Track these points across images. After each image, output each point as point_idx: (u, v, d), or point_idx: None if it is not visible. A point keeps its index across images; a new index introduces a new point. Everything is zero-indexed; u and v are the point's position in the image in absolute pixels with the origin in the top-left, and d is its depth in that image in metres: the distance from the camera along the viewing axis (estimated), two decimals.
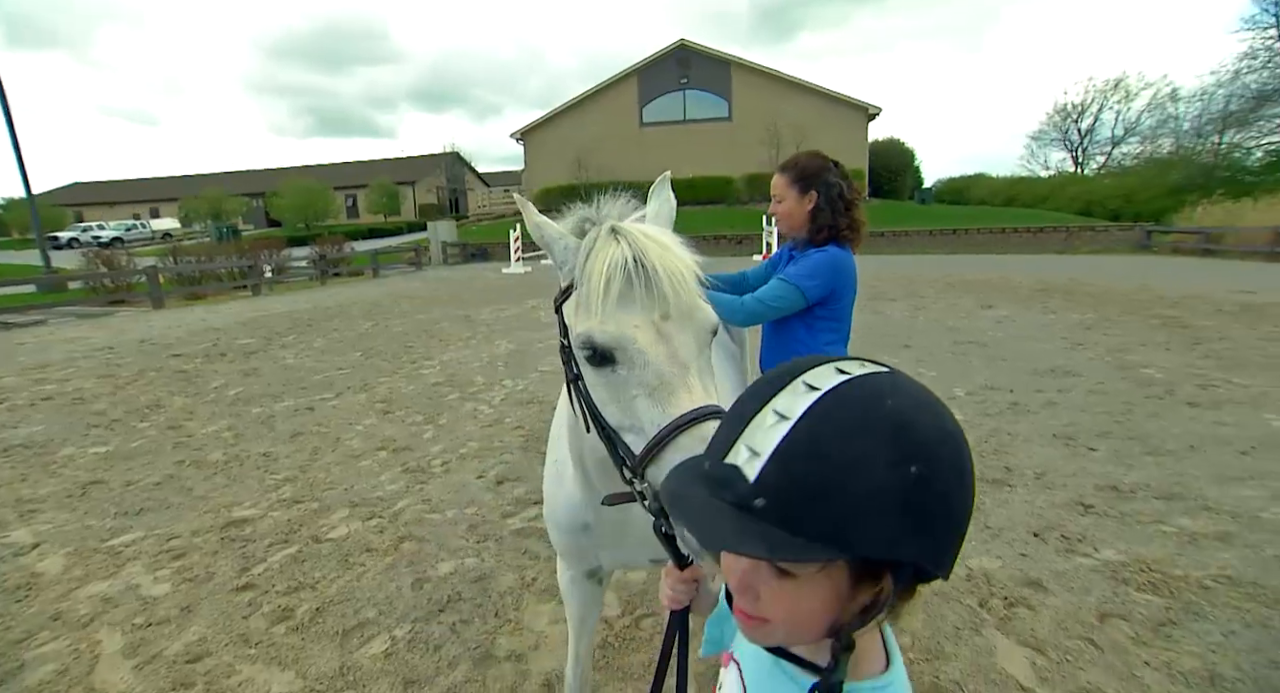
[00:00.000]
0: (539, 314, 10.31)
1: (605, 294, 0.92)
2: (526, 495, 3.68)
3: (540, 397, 5.66)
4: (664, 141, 28.80)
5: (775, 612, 0.56)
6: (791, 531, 0.50)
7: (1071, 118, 33.91)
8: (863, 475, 0.49)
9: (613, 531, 1.47)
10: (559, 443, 1.48)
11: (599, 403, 0.96)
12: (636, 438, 0.90)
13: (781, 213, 2.11)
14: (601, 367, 0.94)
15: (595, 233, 1.00)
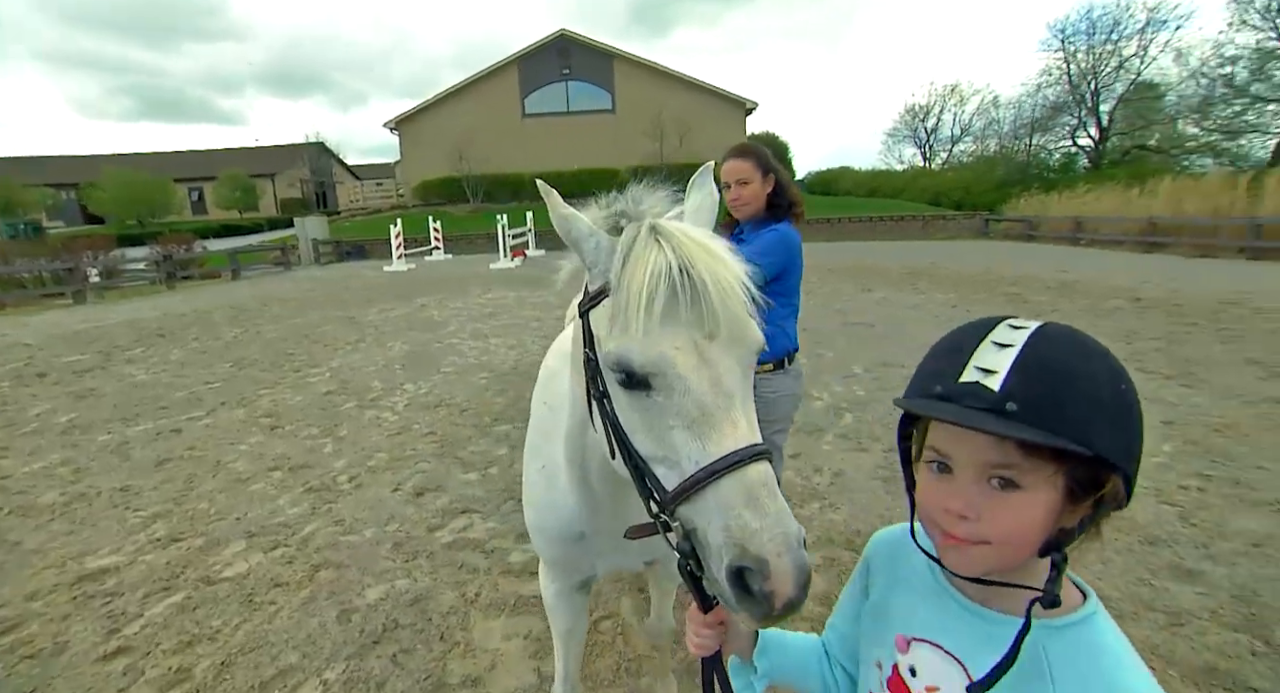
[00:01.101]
0: (431, 313, 9.73)
1: (646, 309, 0.79)
2: (452, 506, 3.43)
3: (448, 399, 5.32)
4: (547, 133, 28.25)
5: (997, 529, 0.61)
6: (1043, 428, 0.57)
7: (919, 117, 37.71)
8: (1094, 387, 0.60)
9: (611, 538, 1.38)
10: (547, 447, 1.35)
11: (628, 428, 0.85)
12: (669, 471, 0.80)
13: (748, 196, 2.13)
14: (635, 390, 0.82)
15: (633, 232, 0.86)
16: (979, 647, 0.65)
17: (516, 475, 3.77)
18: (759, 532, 0.71)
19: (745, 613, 0.73)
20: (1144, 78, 25.75)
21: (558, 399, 1.31)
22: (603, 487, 1.28)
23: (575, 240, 0.93)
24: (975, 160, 32.31)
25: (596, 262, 0.92)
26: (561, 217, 0.94)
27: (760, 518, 0.72)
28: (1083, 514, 0.62)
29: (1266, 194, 13.65)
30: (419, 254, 19.22)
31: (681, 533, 0.79)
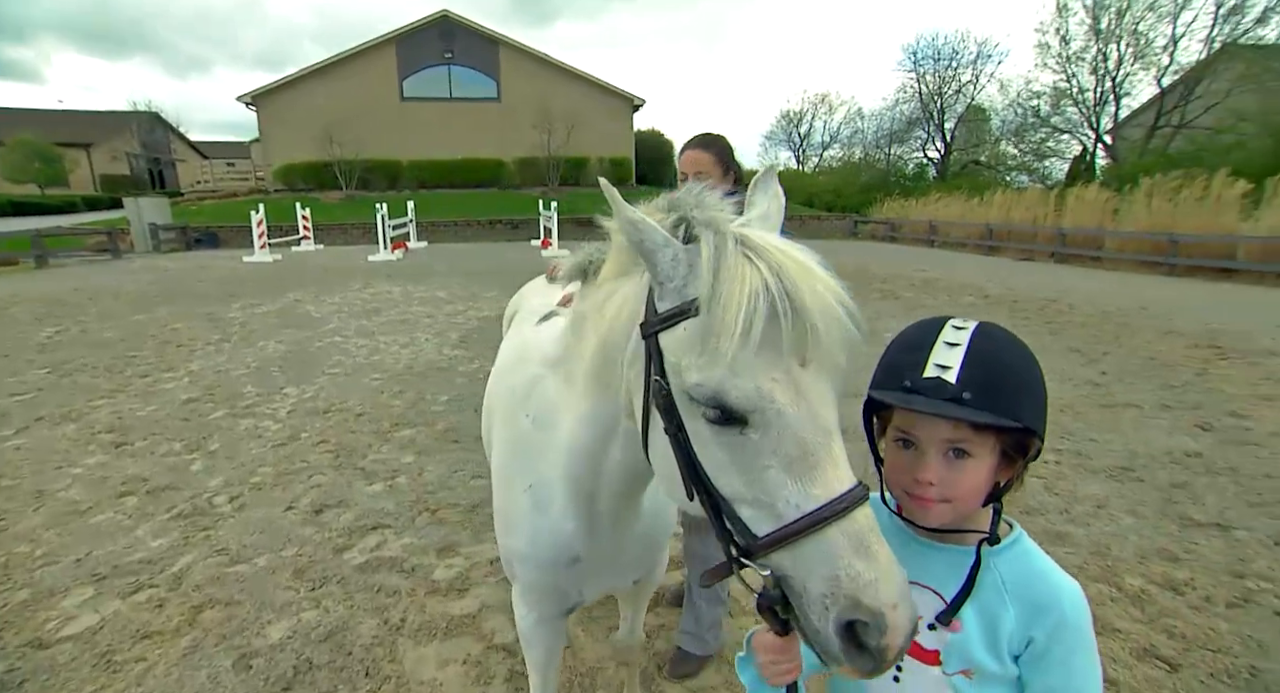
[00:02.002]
0: (307, 309, 8.81)
1: (744, 337, 0.70)
2: (359, 522, 3.10)
3: (339, 403, 4.82)
4: (429, 118, 26.63)
5: (956, 491, 0.80)
6: (991, 411, 0.76)
7: (793, 123, 40.14)
8: (1021, 372, 0.81)
9: (607, 558, 1.29)
10: (533, 466, 1.23)
11: (712, 467, 0.76)
12: (759, 514, 0.73)
13: None
14: (726, 427, 0.74)
15: (717, 244, 0.75)
16: (946, 575, 0.84)
17: (428, 485, 3.50)
18: (873, 583, 0.67)
19: (851, 667, 0.68)
20: (976, 102, 29.38)
21: (546, 412, 1.20)
22: (611, 508, 1.19)
23: (647, 251, 0.80)
24: (843, 166, 35.03)
25: (672, 277, 0.79)
26: (629, 221, 0.80)
27: (873, 568, 0.68)
28: (1014, 471, 0.83)
29: (1067, 208, 16.09)
30: (285, 244, 17.38)
31: (771, 581, 0.72)
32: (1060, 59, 23.04)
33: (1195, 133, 20.04)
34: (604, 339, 0.97)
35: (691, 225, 0.82)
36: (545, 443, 1.20)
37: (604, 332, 0.97)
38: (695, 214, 0.83)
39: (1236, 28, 19.76)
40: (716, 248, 0.75)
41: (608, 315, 0.96)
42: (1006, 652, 0.80)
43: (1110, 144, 22.96)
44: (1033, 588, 0.82)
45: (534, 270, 9.39)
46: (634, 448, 1.03)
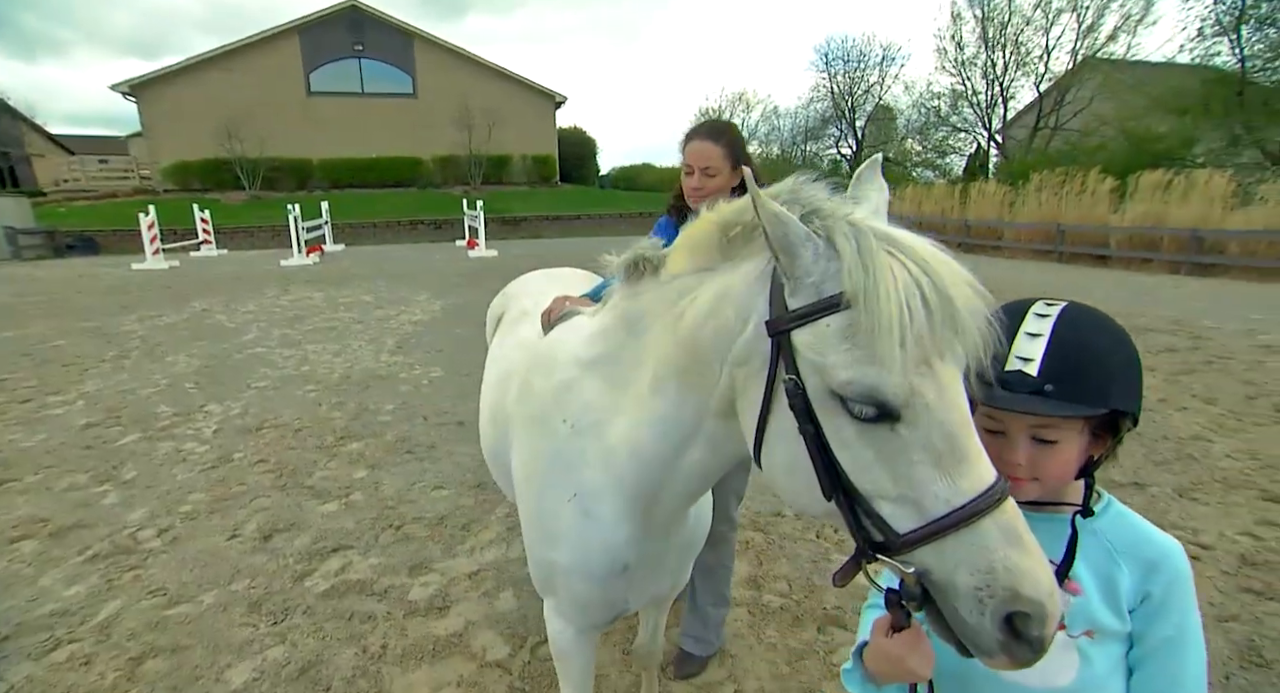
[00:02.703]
0: (218, 319, 8.08)
1: (901, 335, 0.68)
2: (317, 545, 2.86)
3: (272, 419, 4.44)
4: (338, 114, 25.11)
5: (1044, 472, 0.83)
6: (1075, 401, 0.78)
7: None
8: (1108, 357, 0.81)
9: (653, 564, 1.25)
10: (576, 474, 1.16)
11: (854, 466, 0.74)
12: (900, 509, 0.72)
13: (713, 189, 1.76)
14: (875, 424, 0.72)
15: (859, 238, 0.73)
16: (1048, 544, 0.80)
17: (387, 499, 3.29)
18: (1031, 573, 0.66)
19: (1007, 657, 0.68)
20: (884, 102, 31.12)
21: (586, 417, 1.15)
22: (670, 513, 1.15)
23: (790, 245, 0.75)
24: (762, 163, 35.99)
25: (811, 272, 0.75)
26: (774, 215, 0.75)
27: (1027, 557, 0.67)
28: (1105, 446, 0.85)
29: (970, 202, 17.38)
30: (181, 249, 15.88)
31: (913, 577, 0.71)
32: (956, 63, 24.79)
33: (1068, 134, 22.17)
34: (689, 337, 0.92)
35: (823, 220, 0.77)
36: (589, 449, 1.14)
37: (689, 330, 0.92)
38: (821, 206, 0.79)
39: (1094, 43, 22.04)
40: (860, 242, 0.73)
41: (691, 313, 0.92)
42: (1125, 609, 0.83)
43: (1001, 143, 24.97)
44: (1141, 547, 0.84)
45: (462, 271, 9.20)
46: (717, 450, 1.00)
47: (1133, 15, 21.26)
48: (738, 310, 0.85)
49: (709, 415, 0.95)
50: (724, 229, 0.91)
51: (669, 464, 1.05)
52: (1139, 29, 21.47)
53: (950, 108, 26.08)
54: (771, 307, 0.80)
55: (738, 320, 0.85)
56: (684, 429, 1.00)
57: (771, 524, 3.04)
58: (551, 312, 1.51)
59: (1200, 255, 11.86)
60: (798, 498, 0.82)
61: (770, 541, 2.91)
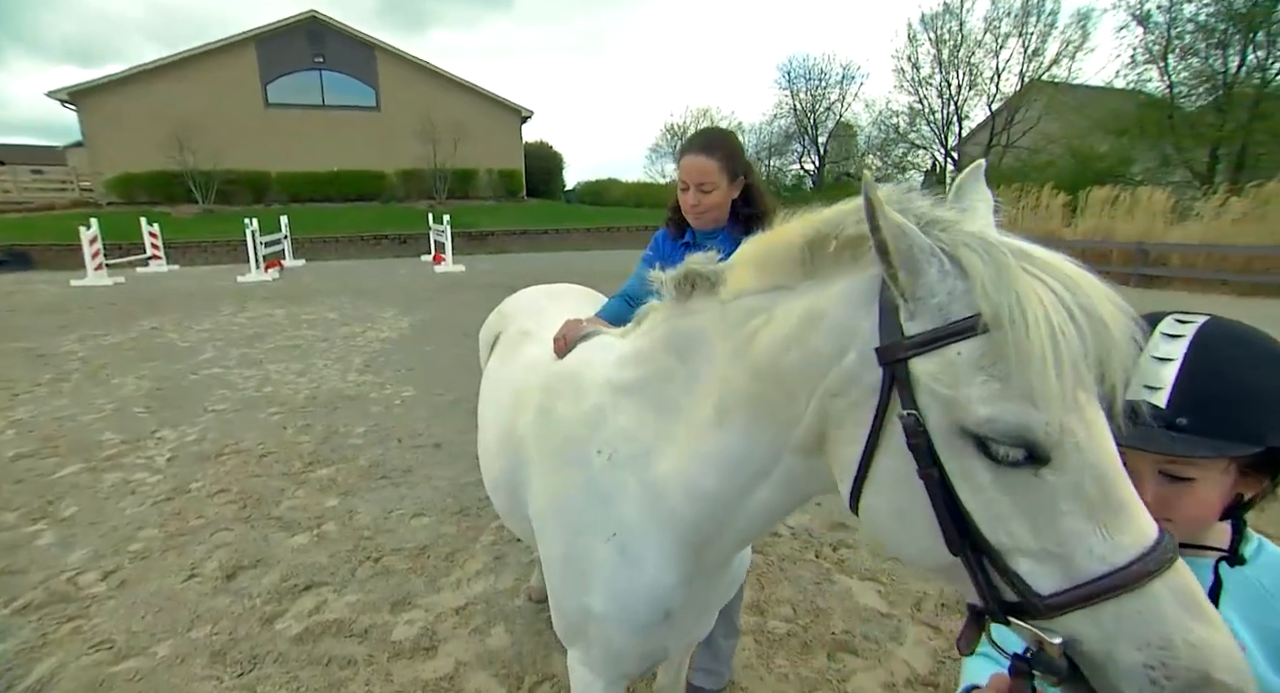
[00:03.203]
0: (171, 338, 7.64)
1: (1056, 364, 0.59)
2: (286, 583, 2.63)
3: (234, 444, 4.16)
4: (298, 127, 24.46)
5: (1180, 513, 0.71)
6: (1215, 436, 0.66)
7: (677, 136, 41.38)
8: (1258, 383, 0.68)
9: (697, 608, 1.15)
10: (615, 511, 1.05)
11: (986, 515, 0.64)
12: (1045, 568, 0.62)
13: (710, 204, 1.69)
14: (1017, 468, 0.62)
15: (994, 255, 0.64)
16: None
17: (363, 529, 3.08)
18: (1223, 650, 0.57)
19: None
20: (845, 119, 32.06)
21: (625, 447, 1.05)
22: (724, 555, 1.06)
23: (915, 262, 0.66)
24: None
25: (935, 292, 0.66)
26: (899, 228, 0.65)
27: (1215, 631, 0.58)
28: (1261, 485, 0.73)
29: None
30: (127, 265, 15.11)
31: (1057, 649, 0.60)
32: (913, 83, 25.79)
33: (1019, 151, 23.19)
34: (766, 365, 0.83)
35: (942, 233, 0.68)
36: (630, 483, 1.03)
37: (765, 356, 0.83)
38: (942, 218, 0.70)
39: (1039, 67, 23.23)
40: (996, 258, 0.63)
41: (767, 337, 0.82)
42: None
43: (957, 159, 25.95)
44: None
45: (430, 287, 9.00)
46: (792, 489, 0.90)
47: (1072, 42, 22.53)
48: (833, 335, 0.75)
49: (787, 451, 0.85)
50: (812, 243, 0.81)
51: (732, 504, 0.94)
52: (1079, 54, 22.78)
53: (909, 125, 27.03)
54: (881, 331, 0.70)
55: (832, 346, 0.75)
56: (755, 466, 0.90)
57: (770, 545, 2.94)
58: (567, 334, 1.40)
59: (1146, 267, 12.47)
60: (908, 548, 0.72)
61: (770, 562, 2.82)
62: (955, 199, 0.79)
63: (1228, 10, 15.65)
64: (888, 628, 2.39)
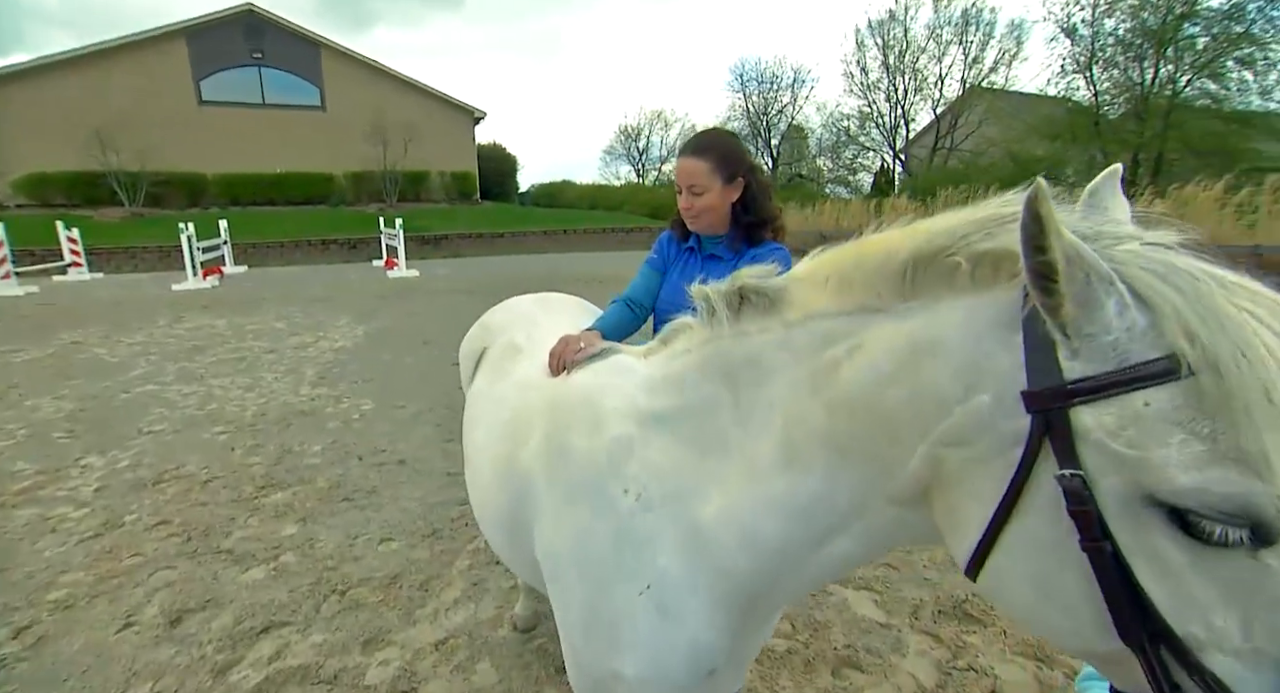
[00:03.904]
0: (97, 352, 7.02)
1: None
2: (241, 626, 2.36)
3: (174, 469, 3.79)
4: (237, 126, 23.23)
5: None
6: None
7: (631, 138, 41.54)
8: None
9: (740, 661, 1.02)
10: (653, 557, 0.90)
11: (1176, 602, 0.52)
12: (1250, 671, 0.50)
13: (702, 208, 1.62)
14: (1227, 549, 0.50)
15: (1184, 280, 0.52)
16: None
17: (325, 559, 2.82)
18: None
19: None
20: (796, 122, 32.71)
21: (658, 486, 0.91)
22: (776, 607, 0.95)
23: (1089, 291, 0.53)
24: None
25: (1111, 328, 0.53)
26: (1073, 249, 0.52)
27: None
28: None
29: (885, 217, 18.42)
30: (41, 273, 13.97)
31: None
32: (862, 87, 26.54)
33: (962, 154, 24.14)
34: (856, 402, 0.70)
35: (1118, 253, 0.56)
36: (666, 529, 0.89)
37: (854, 391, 0.70)
38: (1106, 230, 0.58)
39: (979, 74, 24.28)
40: (1192, 288, 0.51)
41: (857, 369, 0.70)
42: None
43: (905, 161, 26.80)
44: None
45: (383, 293, 8.61)
46: (877, 541, 0.77)
47: (1008, 51, 23.62)
48: (954, 372, 0.63)
49: (879, 500, 0.72)
50: (920, 258, 0.67)
51: (799, 556, 0.81)
52: (1014, 63, 23.90)
53: (859, 128, 27.77)
54: (1030, 372, 0.57)
55: (954, 385, 0.62)
56: (833, 515, 0.77)
57: None
58: (565, 350, 1.24)
59: None
60: (1055, 627, 0.59)
61: None
62: (1087, 208, 0.67)
63: (1142, 27, 16.71)
64: (888, 639, 2.31)
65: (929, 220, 0.71)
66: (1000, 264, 0.62)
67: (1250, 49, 15.39)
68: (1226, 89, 16.14)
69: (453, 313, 9.43)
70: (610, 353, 1.15)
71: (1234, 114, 15.87)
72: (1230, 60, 15.70)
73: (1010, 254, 0.60)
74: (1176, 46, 16.28)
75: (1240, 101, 16.02)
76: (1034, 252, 0.53)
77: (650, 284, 1.81)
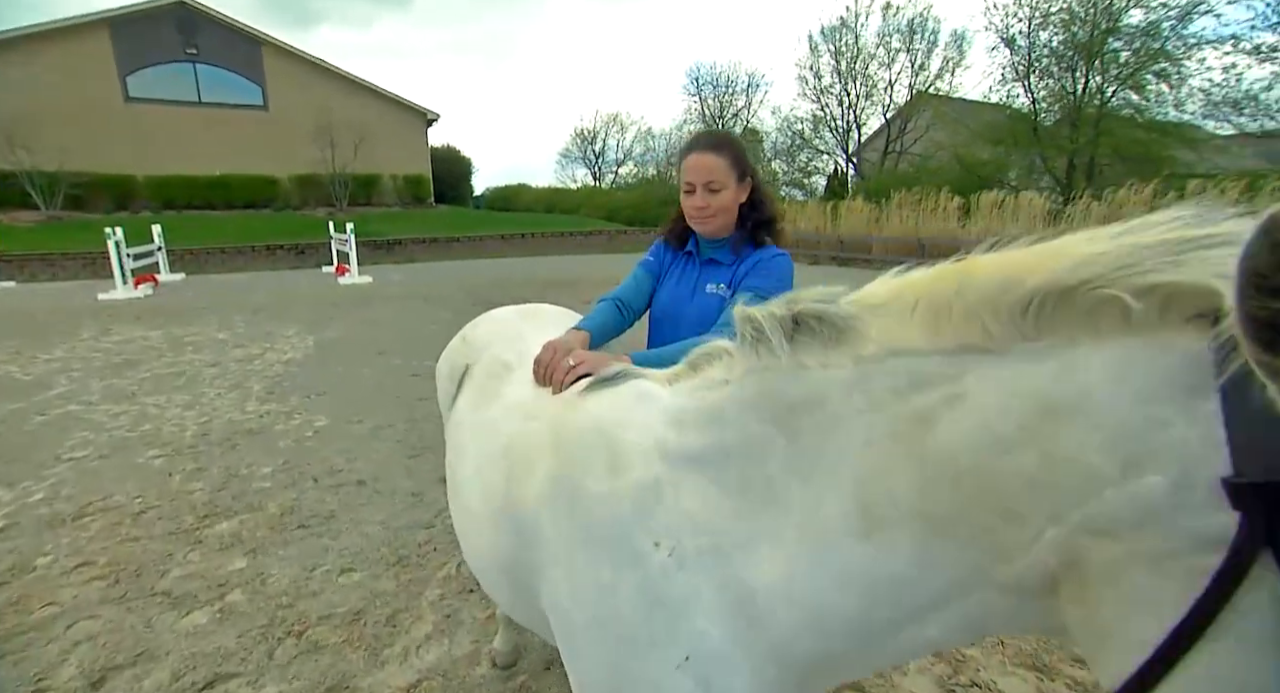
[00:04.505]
0: (7, 370, 6.37)
1: None
2: (180, 682, 2.08)
3: (101, 500, 3.40)
4: (170, 125, 21.86)
5: None
6: None
7: (587, 141, 41.24)
8: None
9: None
10: (691, 622, 0.76)
11: None
12: None
13: (719, 206, 1.54)
14: None
15: None
16: None
17: (279, 596, 2.56)
18: None
19: None
20: (751, 125, 33.08)
21: (693, 539, 0.77)
22: (836, 683, 0.81)
23: None
24: (639, 182, 36.94)
25: None
26: None
27: None
28: None
29: (841, 218, 18.84)
30: None
31: None
32: (815, 91, 27.06)
33: (912, 157, 24.90)
34: (966, 466, 0.56)
35: None
36: (705, 590, 0.75)
37: (963, 452, 0.56)
38: None
39: (926, 80, 25.12)
40: None
41: (960, 424, 0.56)
42: None
43: (857, 164, 27.45)
44: None
45: (335, 300, 8.19)
46: (977, 627, 0.63)
47: (952, 59, 24.51)
48: (1104, 441, 0.49)
49: (986, 587, 0.59)
50: (1055, 288, 0.53)
51: (877, 637, 0.67)
52: (957, 70, 24.79)
53: (812, 131, 28.31)
54: (1238, 453, 0.43)
55: (1104, 459, 0.49)
56: (924, 598, 0.63)
57: None
58: (554, 361, 1.11)
59: None
60: None
61: None
62: None
63: (1072, 40, 17.71)
64: None
65: (1065, 239, 0.57)
66: (1171, 303, 0.48)
67: (1165, 64, 16.52)
68: (1147, 100, 17.37)
69: (409, 320, 9.05)
70: (626, 377, 0.98)
71: (1153, 124, 17.08)
72: (1149, 74, 16.82)
73: (1194, 291, 0.46)
74: (1103, 60, 17.32)
75: (1159, 112, 17.22)
76: (1263, 295, 0.39)
77: (643, 287, 1.72)
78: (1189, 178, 13.96)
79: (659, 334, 1.70)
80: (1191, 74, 16.44)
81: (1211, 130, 17.31)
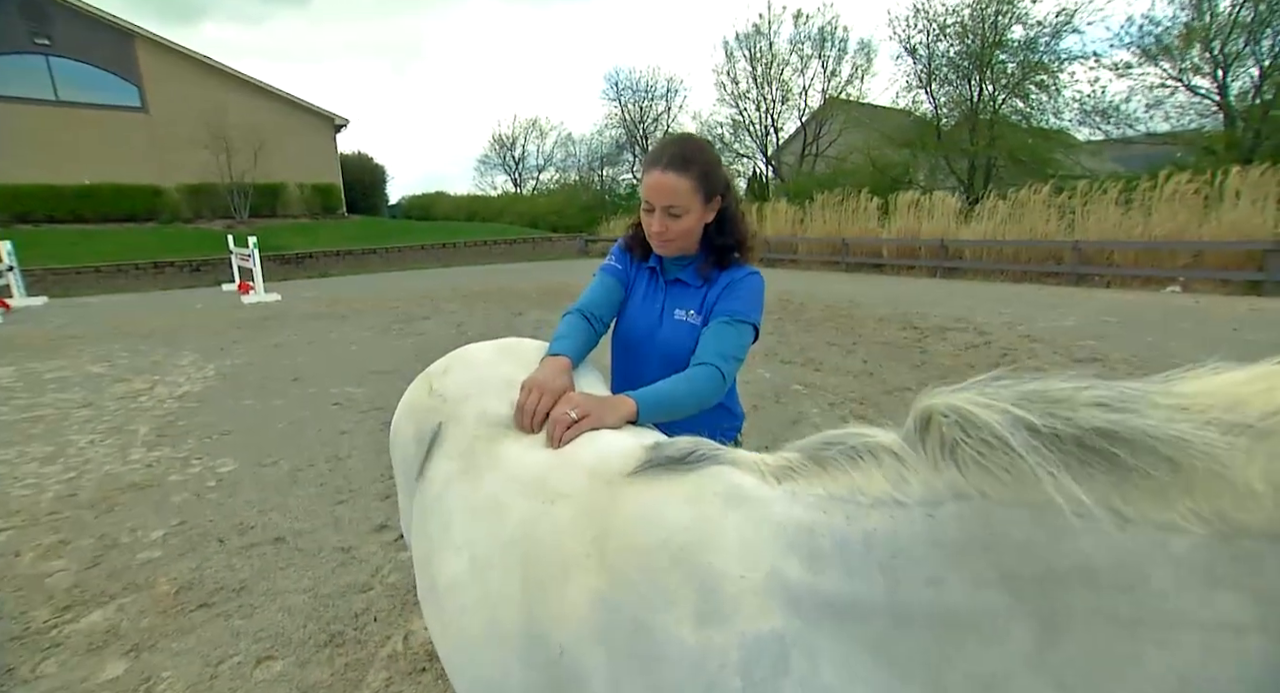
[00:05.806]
0: None
1: None
2: None
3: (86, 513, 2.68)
4: (20, 127, 19.13)
5: None
6: None
7: (506, 147, 40.25)
8: None
9: None
10: None
11: None
12: None
13: (679, 231, 1.37)
14: None
15: None
16: None
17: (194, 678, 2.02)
18: None
19: None
20: (672, 130, 33.37)
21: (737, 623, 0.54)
22: None
23: None
24: (561, 188, 36.47)
25: None
26: None
27: None
28: None
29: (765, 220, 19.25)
30: None
31: None
32: (733, 96, 27.57)
33: (828, 160, 25.86)
34: None
35: None
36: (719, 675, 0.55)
37: None
38: None
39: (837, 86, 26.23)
40: None
41: None
42: None
43: (776, 167, 28.20)
44: None
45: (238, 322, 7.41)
46: None
47: (860, 66, 25.67)
48: None
49: None
50: None
51: None
52: (866, 77, 26.01)
53: (733, 135, 28.83)
54: None
55: None
56: None
57: None
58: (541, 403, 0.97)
59: (946, 261, 14.46)
60: None
61: None
62: None
63: (967, 50, 19.12)
64: None
65: None
66: None
67: (1043, 76, 18.24)
68: (1031, 108, 18.94)
69: (326, 341, 8.26)
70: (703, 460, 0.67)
71: (1037, 130, 18.71)
72: (1031, 84, 18.40)
73: None
74: (993, 70, 18.75)
75: (1040, 119, 18.87)
76: None
77: (613, 297, 1.53)
78: (1078, 179, 15.23)
79: (626, 362, 1.55)
80: (1064, 86, 18.30)
81: (1085, 136, 19.21)
